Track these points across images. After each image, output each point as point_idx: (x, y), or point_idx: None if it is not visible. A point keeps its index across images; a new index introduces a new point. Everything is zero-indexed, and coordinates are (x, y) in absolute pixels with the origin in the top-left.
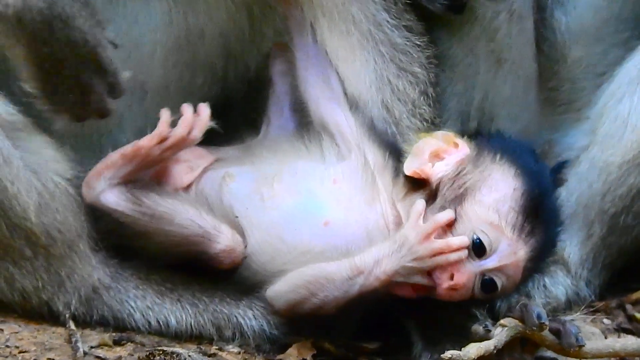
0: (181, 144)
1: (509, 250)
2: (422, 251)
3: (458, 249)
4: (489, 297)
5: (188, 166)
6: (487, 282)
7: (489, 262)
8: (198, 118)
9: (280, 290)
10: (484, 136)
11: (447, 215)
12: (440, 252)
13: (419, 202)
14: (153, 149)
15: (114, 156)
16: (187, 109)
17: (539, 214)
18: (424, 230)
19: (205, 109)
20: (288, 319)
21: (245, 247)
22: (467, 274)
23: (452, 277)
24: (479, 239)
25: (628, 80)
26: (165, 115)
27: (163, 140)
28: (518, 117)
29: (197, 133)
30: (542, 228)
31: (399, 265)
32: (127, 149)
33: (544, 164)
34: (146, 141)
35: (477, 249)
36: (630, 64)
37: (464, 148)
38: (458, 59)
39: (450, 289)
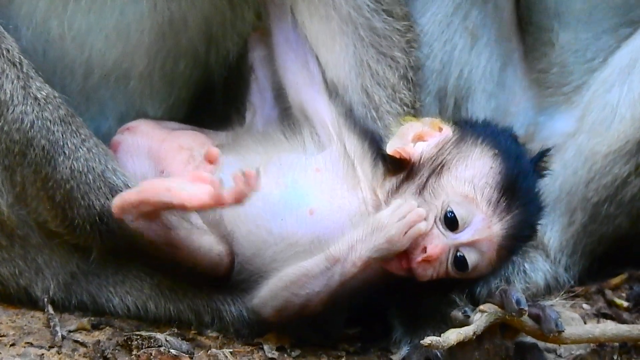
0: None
1: (482, 225)
2: (394, 230)
3: (427, 218)
4: (463, 275)
5: (190, 155)
6: (459, 259)
7: (463, 236)
8: (248, 187)
9: (264, 297)
10: (469, 123)
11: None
12: (412, 225)
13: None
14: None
15: (157, 198)
16: (239, 179)
17: (516, 194)
18: (397, 213)
19: (255, 178)
20: (277, 325)
21: (232, 258)
22: (440, 246)
23: (425, 250)
24: (452, 211)
25: (619, 69)
26: (216, 185)
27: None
28: (494, 94)
29: (244, 200)
30: (519, 208)
31: (373, 247)
32: (173, 202)
33: (525, 150)
34: (194, 204)
35: (450, 221)
36: (621, 52)
37: (447, 131)
38: (434, 35)
39: (423, 261)
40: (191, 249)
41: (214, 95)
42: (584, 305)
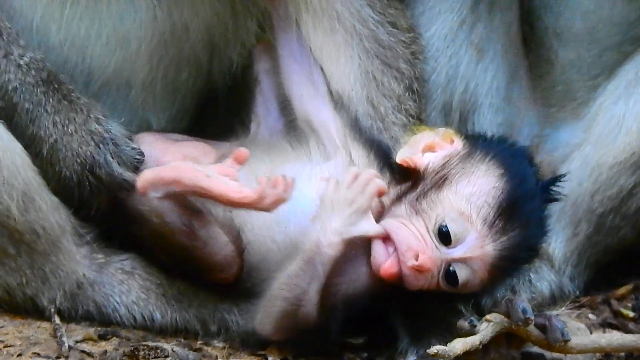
0: (257, 210)
1: (475, 244)
2: (350, 192)
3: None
4: (454, 290)
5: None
6: (451, 274)
7: (455, 252)
8: (284, 194)
9: (261, 316)
10: (481, 137)
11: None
12: (367, 181)
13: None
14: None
15: (195, 181)
16: (281, 182)
17: (515, 216)
18: (344, 182)
19: (291, 187)
20: (284, 342)
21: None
22: (432, 258)
23: (417, 258)
24: (446, 226)
25: (626, 82)
26: (264, 184)
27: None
28: (500, 109)
29: (275, 208)
30: (515, 230)
31: (341, 218)
32: (213, 190)
33: (536, 172)
34: (235, 197)
35: (443, 236)
36: (629, 65)
37: (458, 145)
38: (439, 49)
39: (414, 269)
40: (208, 241)
41: (217, 105)
42: (590, 315)
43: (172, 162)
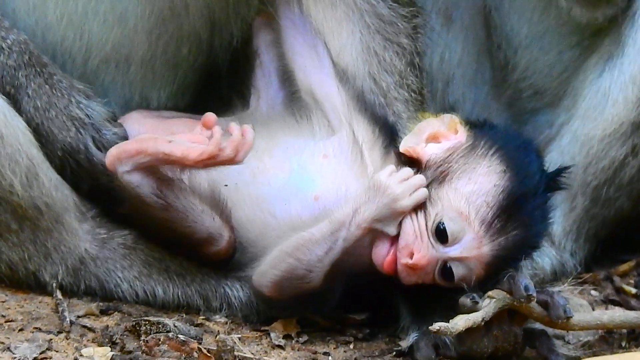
0: (225, 163)
1: (472, 244)
2: (399, 190)
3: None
4: (450, 285)
5: None
6: (447, 270)
7: (451, 251)
8: (244, 140)
9: (264, 268)
10: (487, 128)
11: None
12: (416, 188)
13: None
14: (197, 163)
15: (156, 148)
16: (235, 129)
17: (514, 217)
18: (398, 175)
19: (250, 132)
20: (275, 302)
21: (235, 241)
22: (427, 257)
23: (411, 256)
24: (443, 224)
25: (607, 55)
26: (217, 133)
27: (212, 157)
28: (473, 80)
29: (242, 156)
30: (515, 230)
31: (378, 209)
32: (175, 153)
33: (542, 165)
34: (195, 155)
35: (440, 234)
36: (607, 40)
37: (462, 136)
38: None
39: (407, 267)
40: (186, 211)
41: (219, 80)
42: (592, 292)
43: (138, 135)
